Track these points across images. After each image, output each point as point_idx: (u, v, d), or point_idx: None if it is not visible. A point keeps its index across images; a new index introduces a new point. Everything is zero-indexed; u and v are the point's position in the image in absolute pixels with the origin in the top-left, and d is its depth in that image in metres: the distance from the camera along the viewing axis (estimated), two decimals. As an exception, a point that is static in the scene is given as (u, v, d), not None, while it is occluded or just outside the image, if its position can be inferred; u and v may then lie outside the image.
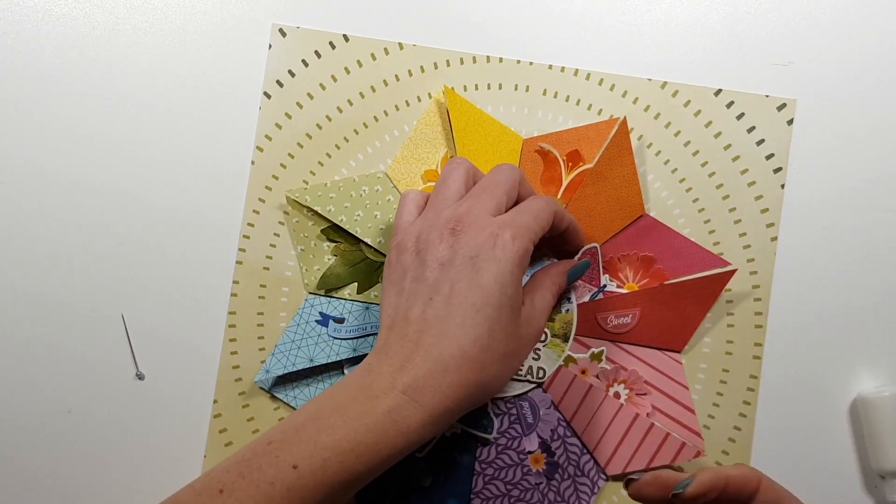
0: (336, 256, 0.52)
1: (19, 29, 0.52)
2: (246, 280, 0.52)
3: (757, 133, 0.52)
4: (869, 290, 0.52)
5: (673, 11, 0.53)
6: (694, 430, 0.51)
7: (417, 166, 0.52)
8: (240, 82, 0.52)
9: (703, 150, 0.52)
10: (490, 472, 0.51)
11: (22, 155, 0.52)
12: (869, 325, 0.52)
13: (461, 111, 0.51)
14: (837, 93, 0.52)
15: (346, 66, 0.52)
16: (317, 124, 0.53)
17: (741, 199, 0.52)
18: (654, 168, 0.52)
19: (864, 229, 0.52)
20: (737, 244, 0.52)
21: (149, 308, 0.52)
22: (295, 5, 0.53)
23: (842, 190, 0.52)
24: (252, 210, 0.52)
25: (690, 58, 0.52)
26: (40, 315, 0.52)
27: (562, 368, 0.51)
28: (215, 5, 0.53)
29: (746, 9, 0.53)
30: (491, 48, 0.53)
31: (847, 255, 0.52)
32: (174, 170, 0.52)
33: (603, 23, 0.53)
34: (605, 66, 0.52)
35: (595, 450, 0.51)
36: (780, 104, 0.52)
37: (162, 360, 0.52)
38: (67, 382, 0.52)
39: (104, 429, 0.52)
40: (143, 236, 0.52)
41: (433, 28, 0.53)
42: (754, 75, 0.52)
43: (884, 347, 0.52)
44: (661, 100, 0.52)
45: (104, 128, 0.52)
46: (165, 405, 0.52)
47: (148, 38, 0.53)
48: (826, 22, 0.52)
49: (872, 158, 0.52)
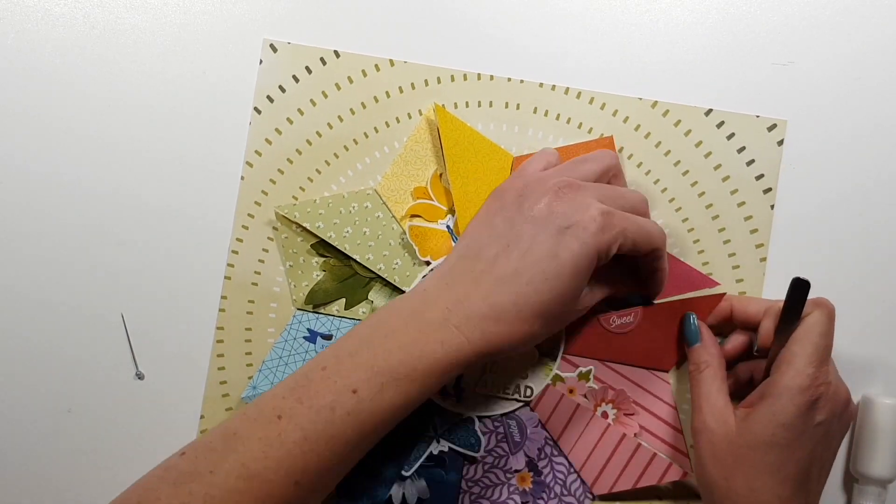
0: (325, 272, 0.52)
1: (19, 29, 0.52)
2: (234, 295, 0.52)
3: (747, 153, 0.52)
4: (858, 309, 0.52)
5: (663, 29, 0.53)
6: (681, 450, 0.51)
7: (407, 183, 0.52)
8: (230, 98, 0.52)
9: (692, 169, 0.52)
10: (476, 491, 0.51)
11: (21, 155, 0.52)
12: (856, 344, 0.52)
13: (451, 128, 0.51)
14: (831, 103, 0.52)
15: (337, 82, 0.52)
16: (307, 140, 0.53)
17: (730, 219, 0.52)
18: (643, 187, 0.52)
19: (854, 246, 0.52)
20: (726, 264, 0.52)
21: (145, 312, 0.52)
22: (286, 21, 0.53)
23: (831, 206, 0.52)
24: (241, 225, 0.52)
25: (682, 77, 0.52)
26: (40, 315, 0.52)
27: (549, 387, 0.51)
28: (206, 20, 0.53)
29: (746, 9, 0.53)
30: (482, 66, 0.53)
31: (836, 274, 0.52)
32: (163, 185, 0.52)
33: (593, 41, 0.53)
34: (596, 84, 0.52)
35: (582, 469, 0.51)
36: (771, 124, 0.52)
37: (161, 360, 0.52)
38: (67, 382, 0.52)
39: (104, 428, 0.52)
40: (133, 250, 0.52)
41: (424, 45, 0.53)
42: (747, 87, 0.52)
43: (873, 362, 0.52)
44: (652, 119, 0.52)
45: (93, 136, 0.52)
46: (165, 405, 0.52)
47: (141, 49, 0.53)
48: (826, 22, 0.52)
49: (864, 174, 0.52)
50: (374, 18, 0.53)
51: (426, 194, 0.52)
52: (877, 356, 0.52)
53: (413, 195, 0.52)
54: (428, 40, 0.53)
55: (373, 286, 0.52)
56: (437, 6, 0.53)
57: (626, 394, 0.51)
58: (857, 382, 0.51)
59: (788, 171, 0.52)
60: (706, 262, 0.52)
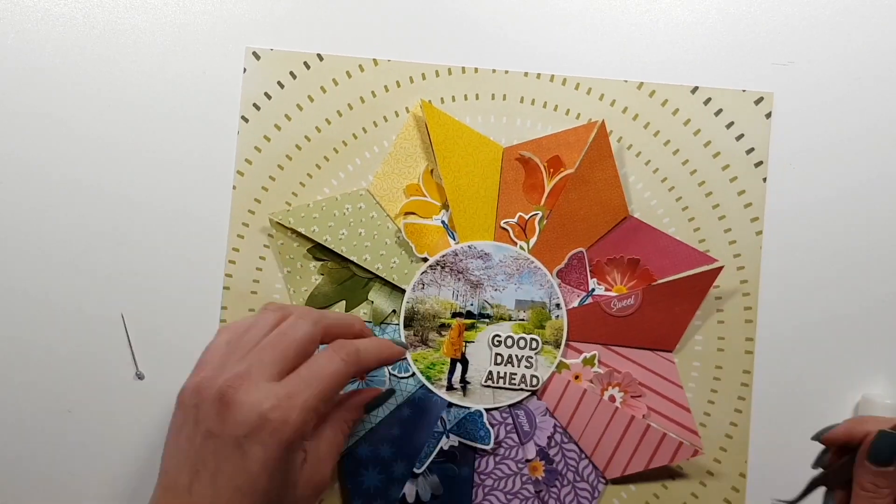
0: (323, 275, 0.52)
1: (19, 29, 0.52)
2: (234, 305, 0.52)
3: (736, 128, 0.52)
4: (857, 279, 0.52)
5: (663, 29, 0.53)
6: (690, 428, 0.51)
7: (399, 181, 0.52)
8: (216, 108, 0.52)
9: (683, 148, 0.52)
10: (489, 483, 0.51)
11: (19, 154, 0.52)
12: (859, 314, 0.52)
13: (439, 124, 0.51)
14: (831, 103, 0.52)
15: (323, 85, 0.52)
16: (296, 145, 0.52)
17: (724, 196, 0.52)
18: (635, 169, 0.52)
19: (850, 221, 0.52)
20: (722, 240, 0.52)
21: (145, 312, 0.52)
22: (267, 27, 0.53)
23: (826, 183, 0.52)
24: (236, 235, 0.52)
25: (682, 77, 0.52)
26: (40, 315, 0.52)
27: (555, 375, 0.51)
28: (186, 32, 0.53)
29: (746, 9, 0.53)
30: (466, 59, 0.53)
31: (833, 246, 0.52)
32: (164, 186, 0.52)
33: (576, 27, 0.53)
34: (581, 70, 0.52)
35: (593, 454, 0.51)
36: (758, 98, 0.52)
37: (161, 360, 0.52)
38: (67, 382, 0.52)
39: (104, 428, 0.52)
40: (133, 251, 0.52)
41: (407, 42, 0.53)
42: (746, 87, 0.52)
43: (875, 335, 0.52)
44: (639, 100, 0.52)
45: (93, 137, 0.52)
46: (165, 405, 0.52)
47: (141, 49, 0.52)
48: (826, 22, 0.52)
49: (860, 152, 0.52)
50: (356, 19, 0.53)
51: (419, 191, 0.52)
52: (879, 326, 0.52)
53: (406, 193, 0.52)
54: (410, 37, 0.53)
55: (372, 286, 0.52)
56: (419, 3, 0.53)
57: (633, 376, 0.51)
58: (857, 382, 0.51)
59: (788, 170, 0.52)
60: (703, 240, 0.52)
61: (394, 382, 0.52)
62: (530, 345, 0.51)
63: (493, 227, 0.52)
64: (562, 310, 0.51)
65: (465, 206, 0.52)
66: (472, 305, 0.52)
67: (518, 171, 0.52)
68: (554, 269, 0.52)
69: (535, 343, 0.51)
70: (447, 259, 0.51)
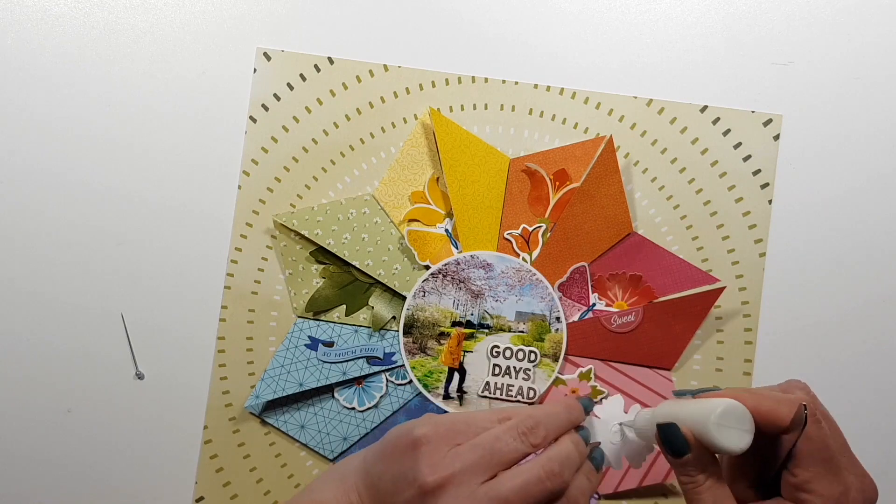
0: (324, 279, 0.52)
1: (19, 29, 0.52)
2: (234, 305, 0.52)
3: (743, 149, 0.52)
4: (858, 302, 0.52)
5: (663, 29, 0.53)
6: (686, 447, 0.51)
7: (404, 188, 0.52)
8: (225, 107, 0.52)
9: (690, 166, 0.52)
10: (482, 494, 0.51)
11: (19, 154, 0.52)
12: (858, 337, 0.52)
13: (447, 132, 0.51)
14: (831, 103, 0.52)
15: (332, 88, 0.52)
16: (303, 148, 0.52)
17: (729, 215, 0.52)
18: (641, 185, 0.52)
19: (856, 247, 0.52)
20: (725, 260, 0.52)
21: (145, 312, 0.52)
22: (279, 28, 0.53)
23: (830, 204, 0.52)
24: (240, 235, 0.52)
25: (681, 76, 0.52)
26: (41, 315, 0.52)
27: (552, 388, 0.51)
28: (198, 30, 0.53)
29: (746, 9, 0.53)
30: (476, 69, 0.53)
31: (836, 268, 0.52)
32: (164, 186, 0.52)
33: (586, 41, 0.53)
34: (591, 84, 0.52)
35: (587, 469, 0.51)
36: (766, 120, 0.52)
37: (161, 360, 0.52)
38: (67, 382, 0.52)
39: (104, 428, 0.52)
40: (133, 251, 0.52)
41: (418, 49, 0.53)
42: (747, 87, 0.52)
43: (873, 357, 0.52)
44: (647, 117, 0.52)
45: (93, 137, 0.52)
46: (165, 405, 0.52)
47: (141, 49, 0.52)
48: (826, 22, 0.52)
49: (864, 173, 0.52)
50: (367, 24, 0.53)
51: (424, 198, 0.52)
52: (878, 348, 0.52)
53: (411, 200, 0.52)
54: (422, 44, 0.53)
55: (373, 292, 0.52)
56: (431, 11, 0.53)
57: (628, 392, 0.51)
58: (857, 408, 0.51)
59: (788, 170, 0.52)
60: (706, 259, 0.52)
61: (391, 389, 0.52)
62: (529, 357, 0.51)
63: (496, 238, 0.52)
64: (562, 323, 0.51)
65: (469, 216, 0.52)
66: (472, 315, 0.52)
67: (524, 182, 0.52)
68: (555, 283, 0.52)
69: (534, 355, 0.51)
70: (449, 268, 0.51)
